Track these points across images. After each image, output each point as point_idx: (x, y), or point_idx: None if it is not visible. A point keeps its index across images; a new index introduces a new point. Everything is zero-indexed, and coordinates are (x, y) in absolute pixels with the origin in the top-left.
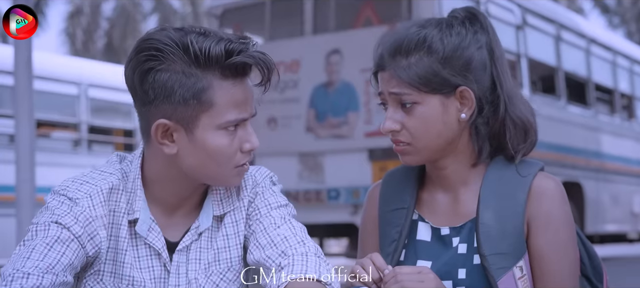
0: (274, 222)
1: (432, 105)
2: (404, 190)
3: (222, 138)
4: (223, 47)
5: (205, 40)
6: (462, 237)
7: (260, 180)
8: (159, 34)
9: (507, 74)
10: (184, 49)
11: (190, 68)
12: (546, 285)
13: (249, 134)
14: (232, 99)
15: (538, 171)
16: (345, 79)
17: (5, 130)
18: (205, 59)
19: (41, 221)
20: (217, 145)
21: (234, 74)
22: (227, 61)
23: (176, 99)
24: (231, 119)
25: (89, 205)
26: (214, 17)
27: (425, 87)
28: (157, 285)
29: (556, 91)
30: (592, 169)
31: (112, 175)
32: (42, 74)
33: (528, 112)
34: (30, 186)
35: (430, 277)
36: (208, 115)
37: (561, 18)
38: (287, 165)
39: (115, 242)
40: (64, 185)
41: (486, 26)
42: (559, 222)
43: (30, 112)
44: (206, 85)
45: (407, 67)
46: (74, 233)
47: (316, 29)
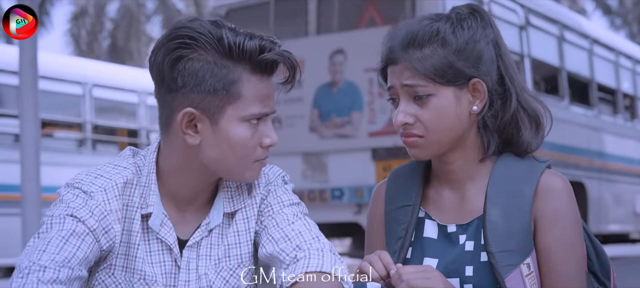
0: (287, 218)
1: (446, 97)
2: (409, 188)
3: (245, 130)
4: (257, 43)
5: (238, 35)
6: (469, 234)
7: (272, 178)
8: (193, 23)
9: (515, 69)
10: (218, 40)
11: (223, 59)
12: (553, 283)
13: (269, 130)
14: (258, 94)
15: (545, 168)
16: (349, 79)
17: (11, 129)
18: (238, 52)
19: (56, 213)
20: (240, 137)
21: (262, 70)
22: (260, 57)
23: (206, 88)
24: (255, 112)
25: (104, 199)
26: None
27: (441, 78)
28: (167, 280)
29: (559, 91)
30: (595, 169)
31: (126, 169)
32: (47, 74)
33: (538, 105)
34: (35, 185)
35: (435, 275)
36: (234, 107)
37: (564, 18)
38: (291, 165)
39: (128, 236)
40: (79, 179)
41: (491, 22)
42: (566, 219)
43: (35, 112)
44: (237, 77)
45: (421, 59)
46: (89, 227)
47: (320, 29)
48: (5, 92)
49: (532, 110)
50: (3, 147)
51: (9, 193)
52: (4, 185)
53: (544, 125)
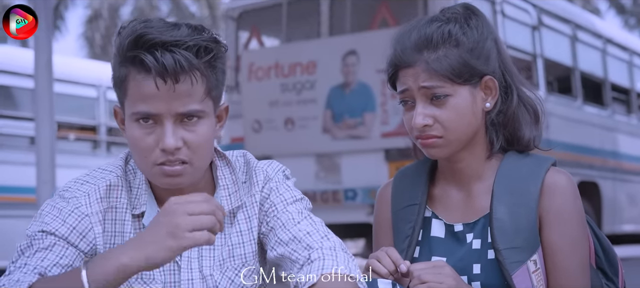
0: (292, 218)
1: (463, 96)
2: (415, 187)
3: (135, 129)
4: (140, 42)
5: (133, 34)
6: (476, 232)
7: (272, 174)
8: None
9: (511, 63)
10: (120, 39)
11: (119, 57)
12: (559, 279)
13: (164, 132)
14: (141, 92)
15: (550, 166)
16: (361, 80)
17: (26, 132)
18: (123, 51)
19: (30, 232)
20: (131, 136)
21: (146, 69)
22: (139, 56)
23: (114, 86)
24: (139, 111)
25: (85, 203)
26: (231, 19)
27: (458, 78)
28: (167, 277)
29: (572, 91)
30: (608, 169)
31: (111, 173)
32: (62, 77)
33: (534, 99)
34: (51, 187)
35: (446, 271)
36: (127, 105)
37: (577, 18)
38: (304, 166)
39: (121, 238)
40: (66, 186)
41: (486, 20)
42: (570, 216)
43: (51, 115)
44: (124, 75)
45: (438, 60)
46: (60, 235)
47: (332, 30)
48: (21, 95)
49: (530, 104)
50: (19, 149)
51: (25, 195)
52: (20, 187)
53: (541, 116)
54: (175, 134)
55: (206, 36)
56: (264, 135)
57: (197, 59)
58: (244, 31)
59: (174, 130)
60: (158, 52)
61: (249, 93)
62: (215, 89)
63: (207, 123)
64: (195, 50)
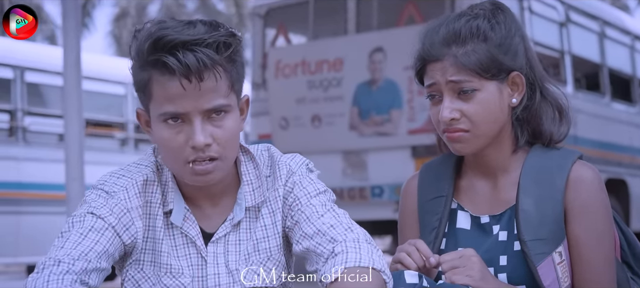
0: (316, 211)
1: (491, 91)
2: (441, 179)
3: (163, 130)
4: (160, 45)
5: (152, 37)
6: (502, 224)
7: (295, 168)
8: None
9: (536, 59)
10: (138, 43)
11: (139, 61)
12: (583, 271)
13: (194, 130)
14: (166, 94)
15: (576, 159)
16: (388, 77)
17: (55, 129)
18: (145, 54)
19: (78, 213)
20: (160, 137)
21: (170, 71)
22: (161, 59)
23: (136, 89)
24: (167, 111)
25: (125, 197)
26: (258, 17)
27: (486, 73)
28: (195, 272)
29: (600, 88)
30: (637, 166)
31: (146, 167)
32: (90, 75)
33: (559, 94)
34: (80, 184)
35: (473, 260)
36: (152, 107)
37: (605, 14)
38: (331, 163)
39: (153, 232)
40: (103, 180)
41: (514, 16)
42: (596, 210)
43: (79, 112)
44: (147, 78)
45: (466, 54)
46: (109, 223)
47: (359, 27)
48: (50, 93)
49: (554, 99)
50: (48, 146)
51: (55, 192)
52: (50, 184)
53: (567, 111)
54: (204, 131)
55: (223, 31)
56: (291, 132)
57: (218, 55)
58: (270, 28)
59: (202, 127)
60: (179, 52)
61: (276, 90)
62: (237, 82)
63: (233, 116)
64: (215, 46)
